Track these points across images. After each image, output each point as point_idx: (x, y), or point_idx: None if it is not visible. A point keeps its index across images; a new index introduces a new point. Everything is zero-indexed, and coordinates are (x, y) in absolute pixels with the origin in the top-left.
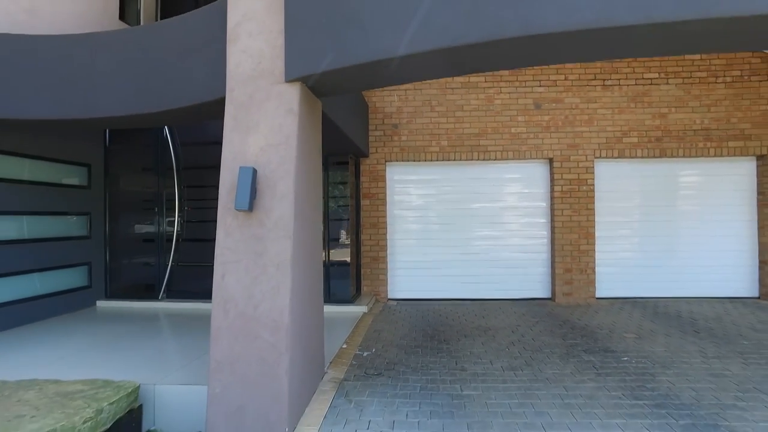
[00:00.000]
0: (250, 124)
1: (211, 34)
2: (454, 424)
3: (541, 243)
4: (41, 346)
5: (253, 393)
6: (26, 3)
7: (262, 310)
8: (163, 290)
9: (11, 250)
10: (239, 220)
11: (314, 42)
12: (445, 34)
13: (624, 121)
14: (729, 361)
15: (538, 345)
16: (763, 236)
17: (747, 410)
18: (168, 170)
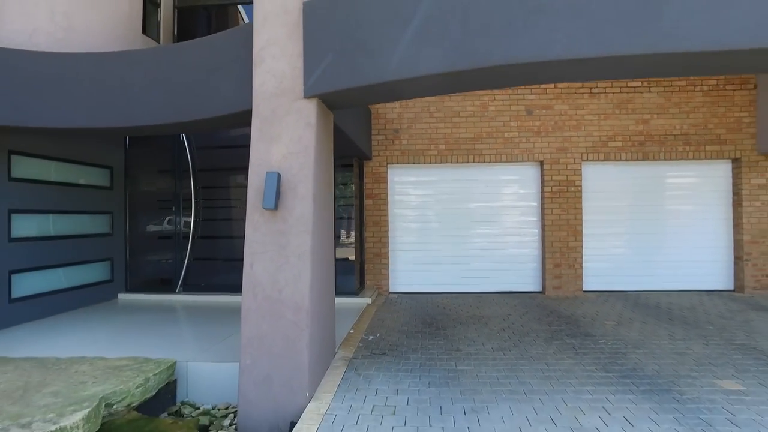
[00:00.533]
0: (273, 135)
1: (236, 53)
2: (449, 391)
3: (532, 240)
4: (76, 332)
5: (279, 364)
6: (64, 22)
7: (286, 294)
8: (179, 284)
9: (45, 246)
10: (265, 217)
11: (330, 64)
12: (439, 61)
13: (609, 127)
14: (692, 342)
15: (526, 330)
16: (738, 234)
17: (697, 379)
18: (184, 172)
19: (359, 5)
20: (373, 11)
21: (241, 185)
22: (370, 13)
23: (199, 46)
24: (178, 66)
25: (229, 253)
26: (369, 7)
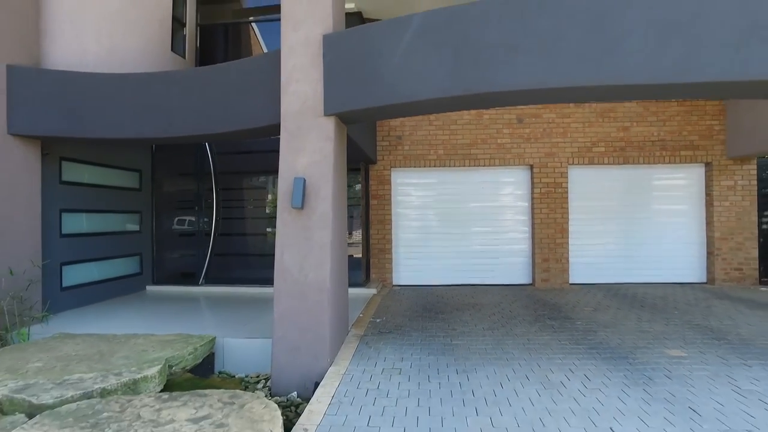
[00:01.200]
0: (299, 147)
1: (265, 76)
2: (444, 359)
3: (523, 237)
4: (118, 316)
5: (305, 336)
6: (107, 43)
7: (311, 278)
8: (202, 277)
9: (87, 241)
10: (293, 215)
11: (345, 89)
12: (436, 87)
13: (593, 134)
14: (656, 323)
15: (513, 315)
16: (710, 231)
17: (650, 349)
18: (206, 175)
19: (368, 40)
20: (380, 46)
21: (257, 187)
22: (377, 47)
23: (231, 69)
24: (212, 85)
25: (247, 249)
26: (376, 42)
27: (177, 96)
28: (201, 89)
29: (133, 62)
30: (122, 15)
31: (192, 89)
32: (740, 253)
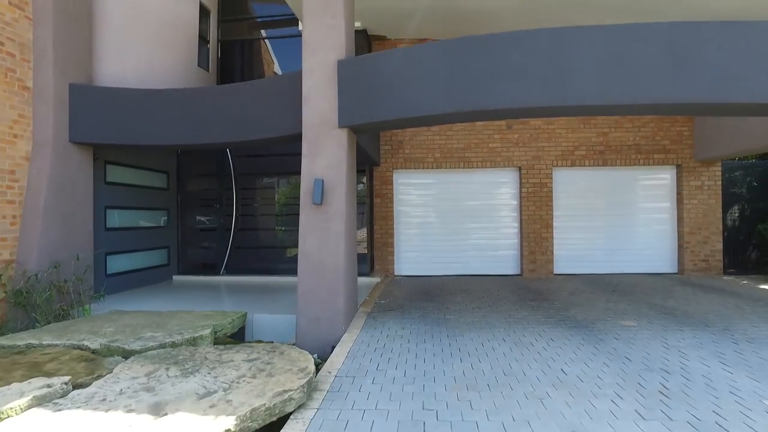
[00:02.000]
0: (317, 153)
1: (287, 92)
2: (438, 328)
3: (512, 232)
4: (156, 299)
5: (324, 309)
6: (145, 62)
7: (328, 261)
8: (223, 267)
9: (126, 234)
10: (314, 209)
11: (355, 105)
12: (431, 106)
13: (575, 138)
14: (620, 303)
15: (500, 298)
16: (681, 226)
17: (609, 321)
18: (226, 176)
19: (375, 66)
20: (384, 71)
21: (272, 187)
22: (383, 72)
23: (257, 85)
24: (240, 99)
25: (263, 243)
26: (382, 68)
27: (209, 108)
28: (230, 102)
29: (166, 77)
30: (157, 36)
31: (223, 102)
32: (707, 246)
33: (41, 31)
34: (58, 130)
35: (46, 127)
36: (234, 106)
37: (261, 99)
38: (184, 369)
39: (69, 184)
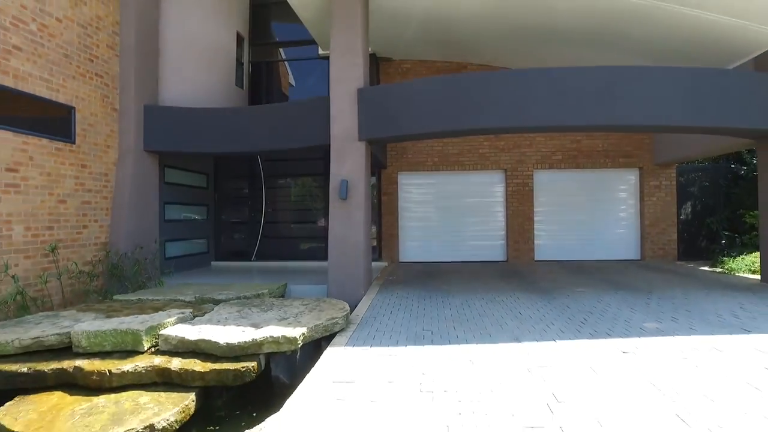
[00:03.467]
0: (343, 159)
1: (318, 111)
2: (434, 293)
3: (500, 225)
4: (208, 277)
5: (348, 278)
6: (195, 84)
7: (351, 241)
8: (254, 254)
9: (178, 225)
10: (340, 203)
11: (372, 124)
12: (430, 125)
13: (553, 145)
14: (581, 279)
15: (485, 276)
16: (643, 220)
17: (566, 289)
18: (256, 176)
19: (388, 94)
20: (395, 98)
21: (295, 185)
22: (393, 99)
23: (293, 106)
24: (279, 117)
25: (288, 233)
26: (393, 95)
27: (254, 124)
28: (270, 120)
29: (210, 95)
30: (205, 62)
31: (264, 119)
32: (664, 236)
33: (125, 65)
34: (137, 142)
35: (129, 139)
36: (275, 122)
37: (297, 116)
38: (261, 308)
39: (143, 184)
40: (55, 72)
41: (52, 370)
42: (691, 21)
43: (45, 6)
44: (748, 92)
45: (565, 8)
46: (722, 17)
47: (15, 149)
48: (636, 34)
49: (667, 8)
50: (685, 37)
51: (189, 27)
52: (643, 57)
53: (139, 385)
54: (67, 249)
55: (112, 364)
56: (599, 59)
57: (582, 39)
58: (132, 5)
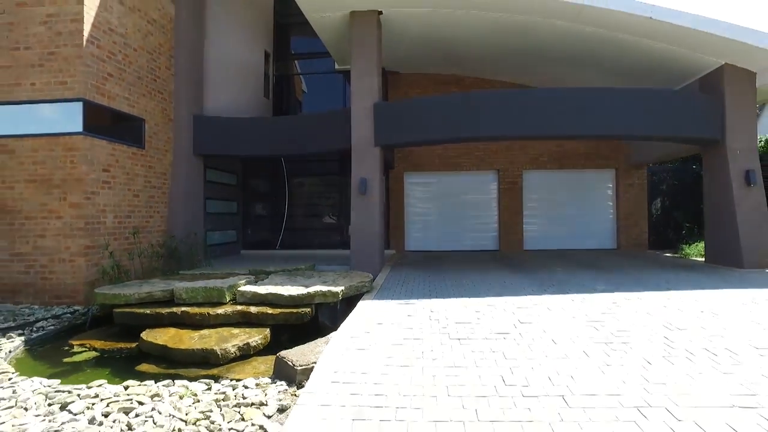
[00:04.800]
0: (362, 162)
1: (340, 121)
2: (436, 272)
3: (493, 218)
4: (243, 262)
5: (366, 257)
6: (231, 96)
7: (368, 229)
8: (278, 244)
9: (224, 217)
10: (360, 197)
11: (385, 133)
12: (434, 135)
13: (540, 148)
14: (560, 262)
15: (479, 260)
16: (618, 214)
17: (545, 269)
18: (281, 176)
19: (397, 108)
20: (404, 112)
21: (314, 184)
22: (402, 112)
23: (318, 116)
24: (306, 125)
25: (308, 225)
26: (402, 110)
27: (285, 130)
28: (299, 127)
29: (243, 106)
30: (240, 78)
31: (293, 127)
32: (636, 228)
33: (178, 83)
34: (188, 146)
35: (181, 144)
36: (303, 130)
37: (322, 125)
38: (305, 277)
39: (193, 182)
40: (132, 91)
41: (167, 312)
42: (646, 48)
43: (127, 39)
44: (690, 108)
45: (548, 34)
46: (670, 46)
47: (108, 154)
48: (607, 56)
49: (626, 38)
50: (644, 60)
51: (227, 50)
52: (614, 74)
53: (227, 324)
54: (139, 234)
55: (208, 309)
56: (578, 75)
57: (563, 59)
58: (183, 34)
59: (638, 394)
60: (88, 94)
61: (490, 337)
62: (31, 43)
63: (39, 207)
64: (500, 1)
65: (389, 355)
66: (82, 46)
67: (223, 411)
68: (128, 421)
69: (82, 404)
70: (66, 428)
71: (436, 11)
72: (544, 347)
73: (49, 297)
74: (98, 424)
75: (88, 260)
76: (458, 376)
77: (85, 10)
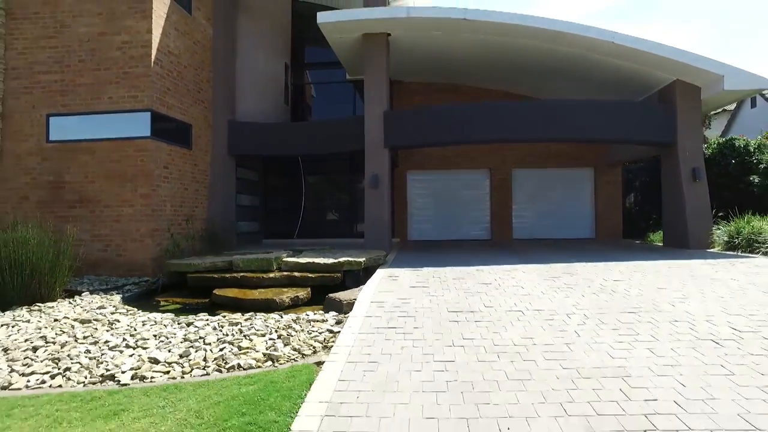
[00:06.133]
0: (373, 160)
1: (354, 126)
2: (436, 254)
3: (486, 212)
4: (269, 248)
5: (377, 241)
6: (256, 103)
7: (379, 217)
8: (296, 233)
9: (246, 209)
10: (372, 190)
11: (393, 136)
12: (434, 138)
13: (527, 149)
14: (543, 246)
15: (475, 247)
16: (596, 207)
17: (532, 250)
18: (297, 173)
19: (404, 116)
20: (409, 119)
21: (327, 180)
22: (407, 119)
23: (336, 121)
24: (325, 129)
25: (322, 217)
26: (407, 117)
27: (306, 134)
28: (319, 131)
29: (266, 112)
30: (264, 88)
31: (313, 131)
32: (612, 220)
33: (216, 92)
34: (223, 148)
35: (218, 145)
36: (322, 133)
37: (339, 129)
38: (332, 252)
39: (227, 178)
40: (183, 101)
41: (230, 277)
42: (615, 65)
43: (179, 59)
44: (649, 116)
45: (530, 53)
46: (633, 65)
47: (166, 154)
48: (581, 70)
49: (593, 57)
50: (615, 75)
51: (254, 63)
52: (590, 85)
53: (276, 285)
54: (190, 221)
55: (261, 274)
56: (558, 86)
57: (544, 72)
58: (220, 51)
59: (570, 311)
60: (154, 106)
61: (477, 285)
62: (110, 65)
63: (115, 197)
64: (487, 26)
65: (406, 293)
66: (150, 66)
67: (299, 324)
68: (239, 329)
69: (201, 322)
70: (199, 332)
71: (434, 33)
72: (514, 290)
73: (123, 270)
74: (219, 329)
75: (154, 240)
76: (455, 302)
77: (152, 38)
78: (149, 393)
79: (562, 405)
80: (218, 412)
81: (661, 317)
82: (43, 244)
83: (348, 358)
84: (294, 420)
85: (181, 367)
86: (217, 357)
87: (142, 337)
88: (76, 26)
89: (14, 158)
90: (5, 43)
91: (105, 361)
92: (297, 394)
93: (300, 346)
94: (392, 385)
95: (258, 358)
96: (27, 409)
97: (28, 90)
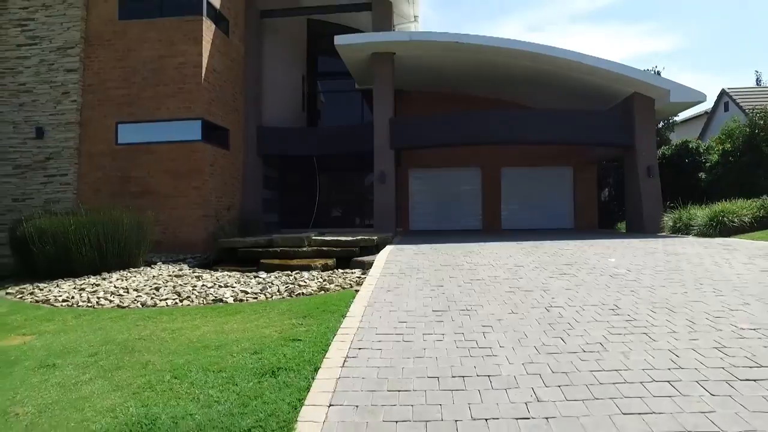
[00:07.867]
0: (381, 159)
1: (365, 130)
2: (435, 238)
3: (478, 205)
4: None
5: (384, 226)
6: (278, 110)
7: (386, 206)
8: (311, 223)
9: (268, 202)
10: (380, 185)
11: (398, 139)
12: (435, 140)
13: (515, 149)
14: (526, 234)
15: (468, 233)
16: (575, 201)
17: (524, 235)
18: (312, 170)
19: (407, 122)
20: (412, 124)
21: (339, 177)
22: (411, 125)
23: (349, 127)
24: (340, 133)
25: (335, 209)
26: (410, 123)
27: (324, 137)
28: (335, 135)
29: (287, 117)
30: (285, 96)
31: (331, 134)
32: (589, 212)
33: (247, 101)
34: (253, 149)
35: (249, 147)
36: (338, 137)
37: (353, 133)
38: (348, 233)
39: (256, 176)
40: (223, 111)
41: (272, 250)
42: (586, 79)
43: (221, 75)
44: (611, 123)
45: (513, 69)
46: (600, 80)
47: (211, 154)
48: (555, 82)
49: (562, 73)
50: (584, 87)
51: (276, 76)
52: (565, 93)
53: (307, 257)
54: (228, 211)
55: (296, 248)
56: (539, 95)
57: (527, 84)
58: (250, 66)
59: (526, 264)
60: (204, 115)
61: (464, 252)
62: (168, 82)
63: (172, 189)
64: (477, 47)
65: (410, 258)
66: (201, 83)
67: (336, 275)
68: (293, 278)
69: (264, 275)
70: (266, 280)
71: (433, 52)
72: (491, 255)
73: (179, 248)
74: (277, 278)
75: (203, 224)
76: (446, 261)
77: (202, 60)
78: (251, 306)
79: (504, 300)
80: (302, 308)
81: (586, 266)
82: (132, 224)
83: (376, 285)
84: (349, 308)
85: (264, 295)
86: (286, 289)
87: (227, 283)
88: (140, 50)
89: (90, 158)
90: (84, 65)
91: (210, 294)
92: (347, 301)
93: (341, 284)
94: (404, 297)
95: (315, 290)
96: (180, 311)
97: (101, 102)
